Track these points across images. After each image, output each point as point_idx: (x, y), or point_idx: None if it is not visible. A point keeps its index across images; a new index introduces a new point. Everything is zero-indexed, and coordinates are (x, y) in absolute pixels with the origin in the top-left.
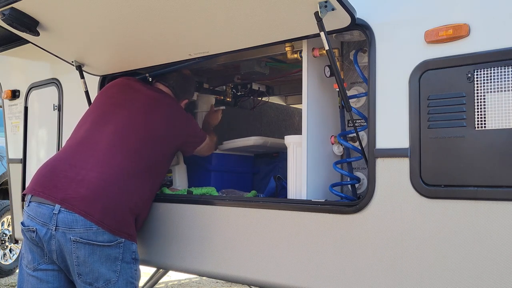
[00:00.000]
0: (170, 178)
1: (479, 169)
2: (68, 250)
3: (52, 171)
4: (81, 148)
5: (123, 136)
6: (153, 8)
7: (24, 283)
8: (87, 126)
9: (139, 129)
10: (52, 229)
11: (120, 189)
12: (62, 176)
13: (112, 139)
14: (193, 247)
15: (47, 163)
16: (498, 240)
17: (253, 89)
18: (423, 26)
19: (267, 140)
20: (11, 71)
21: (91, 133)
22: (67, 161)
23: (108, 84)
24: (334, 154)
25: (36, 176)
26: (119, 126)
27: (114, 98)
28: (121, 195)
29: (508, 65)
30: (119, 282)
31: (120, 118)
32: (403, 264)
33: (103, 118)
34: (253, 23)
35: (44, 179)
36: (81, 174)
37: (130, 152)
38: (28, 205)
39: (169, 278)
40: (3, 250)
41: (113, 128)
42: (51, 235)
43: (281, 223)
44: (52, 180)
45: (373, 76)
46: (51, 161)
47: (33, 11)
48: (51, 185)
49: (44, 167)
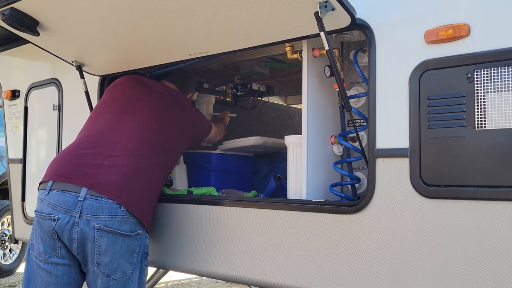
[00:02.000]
0: (170, 178)
1: (479, 169)
2: (91, 238)
3: (78, 158)
4: (105, 137)
5: (148, 129)
6: (153, 8)
7: (33, 274)
8: (106, 117)
9: (159, 125)
10: (76, 216)
11: (147, 178)
12: (89, 162)
13: (137, 130)
14: (193, 247)
15: (67, 152)
16: (498, 240)
17: (253, 89)
18: (423, 26)
19: (267, 140)
20: (11, 71)
21: (113, 124)
22: (91, 149)
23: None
24: (334, 154)
25: (57, 164)
26: (142, 118)
27: (130, 92)
28: (148, 184)
29: (508, 65)
30: (133, 275)
31: (141, 111)
32: (403, 264)
33: (123, 111)
34: (253, 23)
35: (69, 166)
36: (109, 161)
37: (155, 145)
38: (48, 193)
39: (169, 278)
40: (3, 250)
41: (137, 120)
42: (74, 223)
43: (281, 223)
44: (79, 166)
45: (373, 76)
46: (71, 150)
47: (33, 11)
48: (78, 171)
49: (65, 155)
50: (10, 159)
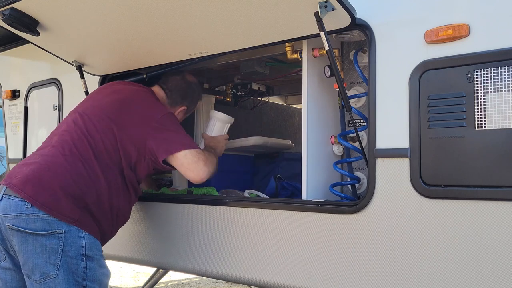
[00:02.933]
0: (170, 178)
1: (479, 169)
2: (8, 238)
3: (21, 162)
4: (47, 139)
5: (76, 124)
6: (153, 8)
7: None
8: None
9: (93, 117)
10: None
11: (62, 171)
12: (21, 164)
13: (66, 127)
14: (193, 247)
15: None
16: (498, 240)
17: (253, 89)
18: (423, 26)
19: (267, 140)
20: (11, 71)
21: (59, 126)
22: (34, 152)
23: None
24: (334, 154)
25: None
26: (77, 115)
27: (91, 94)
28: (61, 177)
29: (508, 65)
30: (59, 277)
31: (80, 108)
32: (403, 264)
33: (71, 113)
34: (253, 23)
35: (11, 170)
36: (33, 159)
37: (79, 139)
38: None
39: (169, 278)
40: None
41: (71, 118)
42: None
43: (281, 223)
44: (14, 169)
45: (373, 76)
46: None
47: (33, 11)
48: (11, 172)
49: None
50: (10, 159)
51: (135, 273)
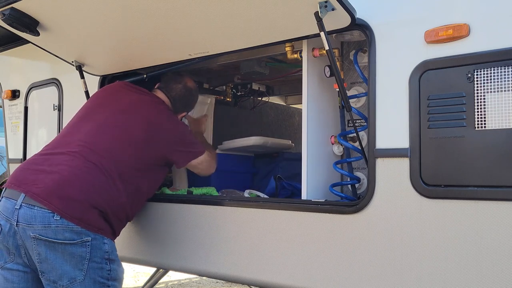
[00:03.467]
0: (170, 178)
1: (479, 169)
2: (30, 246)
3: (28, 165)
4: (58, 144)
5: (98, 135)
6: (153, 8)
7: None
8: (70, 125)
9: (116, 129)
10: (14, 224)
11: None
12: (34, 168)
13: (86, 136)
14: (193, 247)
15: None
16: (498, 240)
17: (253, 89)
18: (423, 26)
19: (267, 140)
20: (11, 71)
21: (70, 131)
22: (43, 156)
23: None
24: (334, 154)
25: (14, 171)
26: (96, 124)
27: (100, 99)
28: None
29: (508, 65)
30: (86, 281)
31: (99, 117)
32: (403, 264)
33: (84, 118)
34: (253, 23)
35: (19, 172)
36: (51, 166)
37: (102, 151)
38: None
39: (169, 278)
40: None
41: (90, 126)
42: (15, 231)
43: (281, 223)
44: (25, 172)
45: (373, 76)
46: (32, 156)
47: (33, 11)
48: (23, 177)
49: (23, 162)
50: (10, 159)
51: (135, 273)
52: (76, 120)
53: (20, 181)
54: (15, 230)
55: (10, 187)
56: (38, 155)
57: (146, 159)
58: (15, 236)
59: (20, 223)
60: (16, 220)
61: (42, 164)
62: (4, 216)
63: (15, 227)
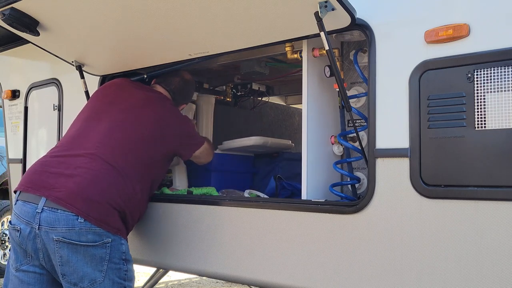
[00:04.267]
0: (170, 178)
1: (479, 169)
2: (52, 249)
3: (42, 167)
4: (72, 145)
5: (112, 135)
6: (153, 8)
7: (9, 282)
8: (79, 125)
9: (128, 128)
10: (36, 228)
11: (107, 184)
12: (51, 171)
13: (102, 137)
14: (193, 247)
15: (39, 160)
16: (498, 240)
17: (253, 89)
18: (423, 26)
19: (267, 140)
20: (11, 71)
21: (82, 131)
22: (57, 158)
23: (104, 84)
24: (334, 154)
25: (26, 173)
26: (109, 124)
27: (107, 97)
28: (108, 190)
29: (508, 65)
30: (105, 282)
31: (111, 116)
32: (403, 264)
33: (95, 117)
34: (253, 23)
35: (33, 175)
36: (70, 169)
37: (117, 151)
38: (15, 203)
39: (169, 278)
40: (3, 250)
41: (103, 126)
42: (35, 234)
43: (281, 223)
44: (41, 175)
45: (373, 76)
46: (42, 158)
47: (33, 11)
48: (41, 180)
49: (35, 164)
50: (10, 159)
51: (135, 273)
52: (86, 119)
53: (38, 184)
54: (36, 234)
55: (26, 191)
56: (50, 157)
57: (159, 156)
58: (35, 239)
59: (43, 226)
60: (38, 223)
61: (58, 166)
62: (24, 220)
63: (36, 230)
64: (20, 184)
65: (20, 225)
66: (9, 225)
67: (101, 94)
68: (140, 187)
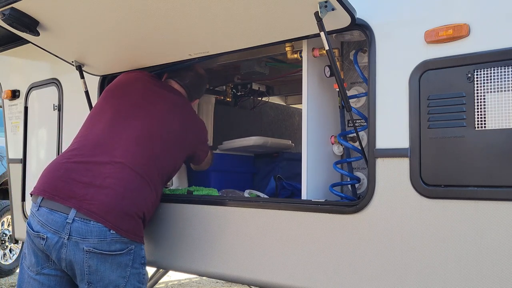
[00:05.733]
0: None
1: (479, 169)
2: (80, 259)
3: (68, 173)
4: (96, 150)
5: (139, 143)
6: (153, 8)
7: (24, 284)
8: (102, 127)
9: (159, 135)
10: (64, 238)
11: (136, 195)
12: (78, 180)
13: (129, 145)
14: (193, 247)
15: (59, 163)
16: (498, 240)
17: (253, 89)
18: (423, 26)
19: (267, 140)
20: (11, 71)
21: (108, 135)
22: (82, 164)
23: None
24: (334, 154)
25: (48, 177)
26: (138, 131)
27: (131, 95)
28: (136, 201)
29: (508, 65)
30: (126, 287)
31: (139, 122)
32: (403, 264)
33: (121, 121)
34: (253, 23)
35: (58, 182)
36: (100, 179)
37: (144, 160)
38: (38, 209)
39: (169, 278)
40: (3, 250)
41: (130, 134)
42: (63, 244)
43: (281, 223)
44: (68, 183)
45: (373, 76)
46: (63, 161)
47: (33, 11)
48: (68, 189)
49: (57, 167)
50: (10, 159)
51: None
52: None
53: (66, 194)
54: (63, 243)
55: (52, 199)
56: (74, 162)
57: (179, 163)
58: (61, 249)
59: (73, 236)
60: (68, 233)
61: (85, 175)
62: (52, 228)
63: (65, 240)
64: (40, 189)
65: (47, 234)
66: (31, 231)
67: (122, 92)
68: (157, 192)
